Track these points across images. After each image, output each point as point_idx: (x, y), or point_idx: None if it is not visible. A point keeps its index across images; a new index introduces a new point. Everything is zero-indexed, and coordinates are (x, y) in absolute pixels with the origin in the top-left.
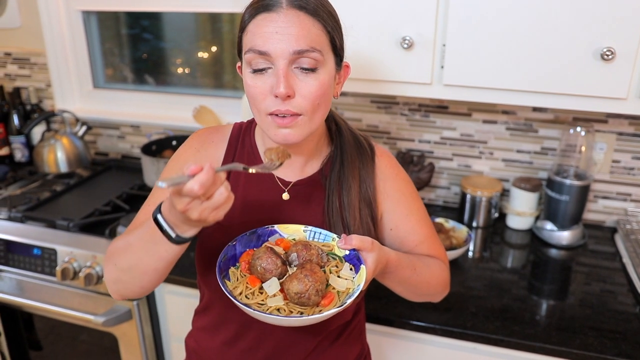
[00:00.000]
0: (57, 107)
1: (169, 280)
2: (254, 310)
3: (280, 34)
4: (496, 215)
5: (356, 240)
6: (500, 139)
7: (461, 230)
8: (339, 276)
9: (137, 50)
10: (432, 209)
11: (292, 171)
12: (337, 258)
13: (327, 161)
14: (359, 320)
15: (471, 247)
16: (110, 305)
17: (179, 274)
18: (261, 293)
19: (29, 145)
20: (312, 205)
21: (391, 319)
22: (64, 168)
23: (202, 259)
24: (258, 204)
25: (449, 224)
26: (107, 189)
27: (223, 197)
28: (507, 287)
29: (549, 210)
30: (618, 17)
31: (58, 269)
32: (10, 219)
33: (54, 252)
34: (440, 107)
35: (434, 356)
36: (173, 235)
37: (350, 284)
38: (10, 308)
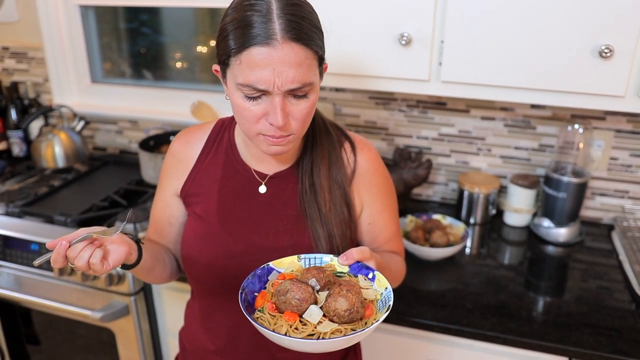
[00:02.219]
0: (54, 102)
1: None
2: (317, 340)
3: (277, 70)
4: (493, 211)
5: (357, 253)
6: (498, 135)
7: (458, 227)
8: (361, 288)
9: (135, 45)
10: (430, 206)
11: (271, 165)
12: (345, 274)
13: (301, 152)
14: None
15: (468, 244)
16: (108, 301)
17: None
18: (304, 325)
19: (27, 140)
20: (288, 197)
21: (388, 315)
22: (61, 163)
23: (185, 251)
24: (235, 197)
25: (447, 220)
26: (105, 184)
27: (82, 268)
28: (504, 283)
29: (546, 207)
30: (616, 15)
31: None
32: (7, 214)
33: None
34: (438, 104)
35: (431, 353)
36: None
37: (374, 291)
38: (8, 303)
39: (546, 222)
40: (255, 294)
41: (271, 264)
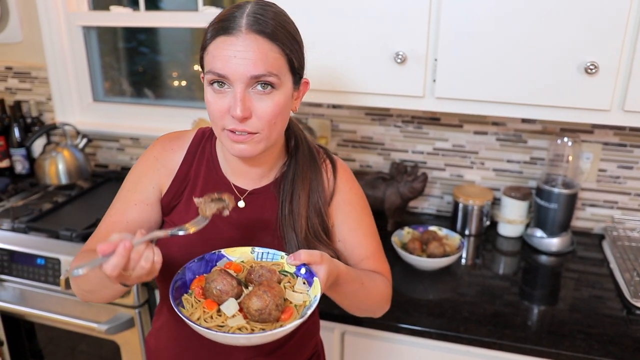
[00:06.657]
0: (57, 120)
1: None
2: (216, 332)
3: (238, 58)
4: (488, 223)
5: (305, 255)
6: (491, 149)
7: (454, 238)
8: (294, 291)
9: (134, 64)
10: (426, 218)
11: (250, 181)
12: (289, 274)
13: (282, 172)
14: (313, 322)
15: (464, 255)
16: (113, 314)
17: None
18: (219, 316)
19: (29, 158)
20: (266, 213)
21: (387, 323)
22: (64, 180)
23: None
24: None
25: (442, 232)
26: (107, 200)
27: (145, 270)
28: (499, 292)
29: (538, 218)
30: (600, 33)
31: (62, 278)
32: (13, 229)
33: (57, 262)
34: (433, 119)
35: (428, 359)
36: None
37: (305, 296)
38: (14, 318)
39: (539, 233)
40: (197, 275)
41: (223, 251)
